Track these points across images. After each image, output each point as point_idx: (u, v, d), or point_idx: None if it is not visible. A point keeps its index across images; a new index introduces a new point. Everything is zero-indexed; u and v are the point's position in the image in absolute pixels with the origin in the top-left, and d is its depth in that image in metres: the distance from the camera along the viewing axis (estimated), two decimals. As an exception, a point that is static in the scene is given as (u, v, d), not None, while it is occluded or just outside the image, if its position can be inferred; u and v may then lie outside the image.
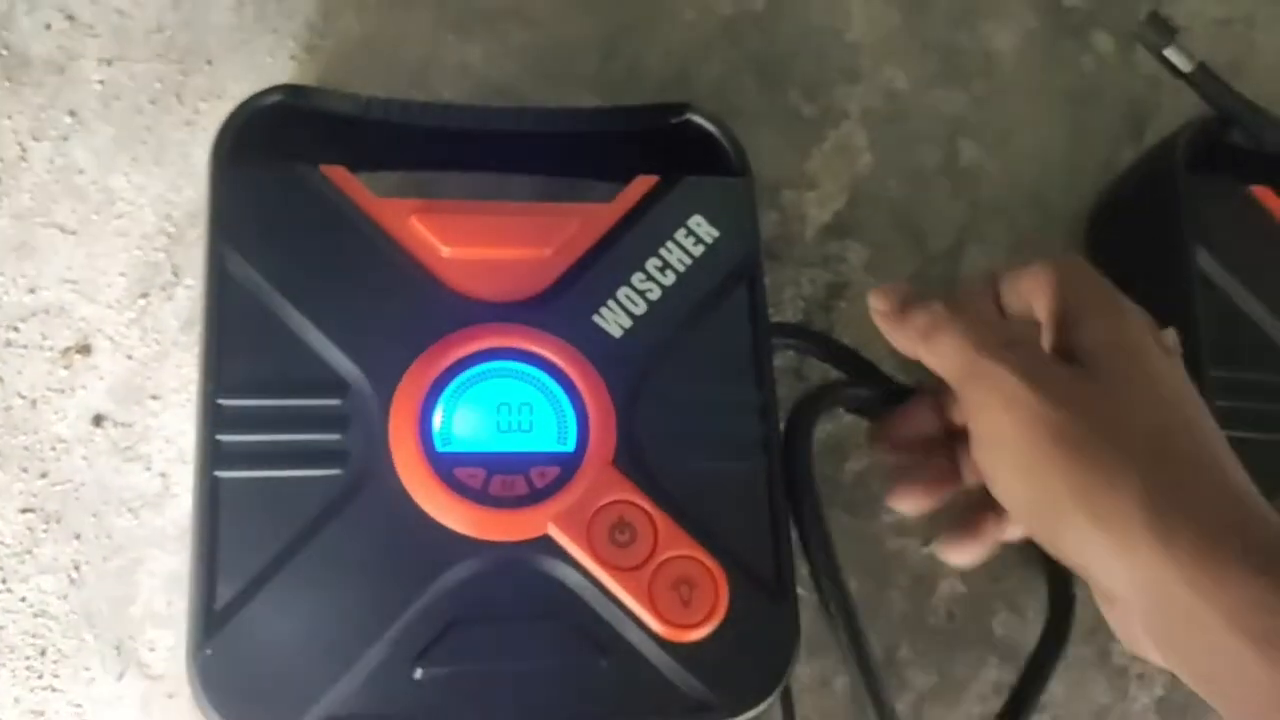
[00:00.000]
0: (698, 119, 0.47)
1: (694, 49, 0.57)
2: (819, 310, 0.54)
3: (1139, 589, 0.34)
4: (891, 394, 0.46)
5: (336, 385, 0.40)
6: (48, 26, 0.50)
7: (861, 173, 0.56)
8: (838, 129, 0.57)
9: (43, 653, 0.43)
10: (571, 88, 0.55)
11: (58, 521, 0.45)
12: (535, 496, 0.40)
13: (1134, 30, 0.52)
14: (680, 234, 0.45)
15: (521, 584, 0.39)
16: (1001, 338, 0.38)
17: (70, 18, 0.51)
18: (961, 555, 0.43)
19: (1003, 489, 0.38)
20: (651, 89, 0.56)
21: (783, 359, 0.52)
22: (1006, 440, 0.37)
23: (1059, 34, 0.61)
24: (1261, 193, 0.51)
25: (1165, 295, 0.49)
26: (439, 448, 0.40)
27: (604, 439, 0.41)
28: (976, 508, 0.42)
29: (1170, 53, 0.50)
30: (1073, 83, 0.60)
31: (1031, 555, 0.52)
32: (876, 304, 0.43)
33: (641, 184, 0.45)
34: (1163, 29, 0.50)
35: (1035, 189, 0.58)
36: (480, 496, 0.39)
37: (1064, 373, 0.37)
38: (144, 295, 0.48)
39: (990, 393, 0.37)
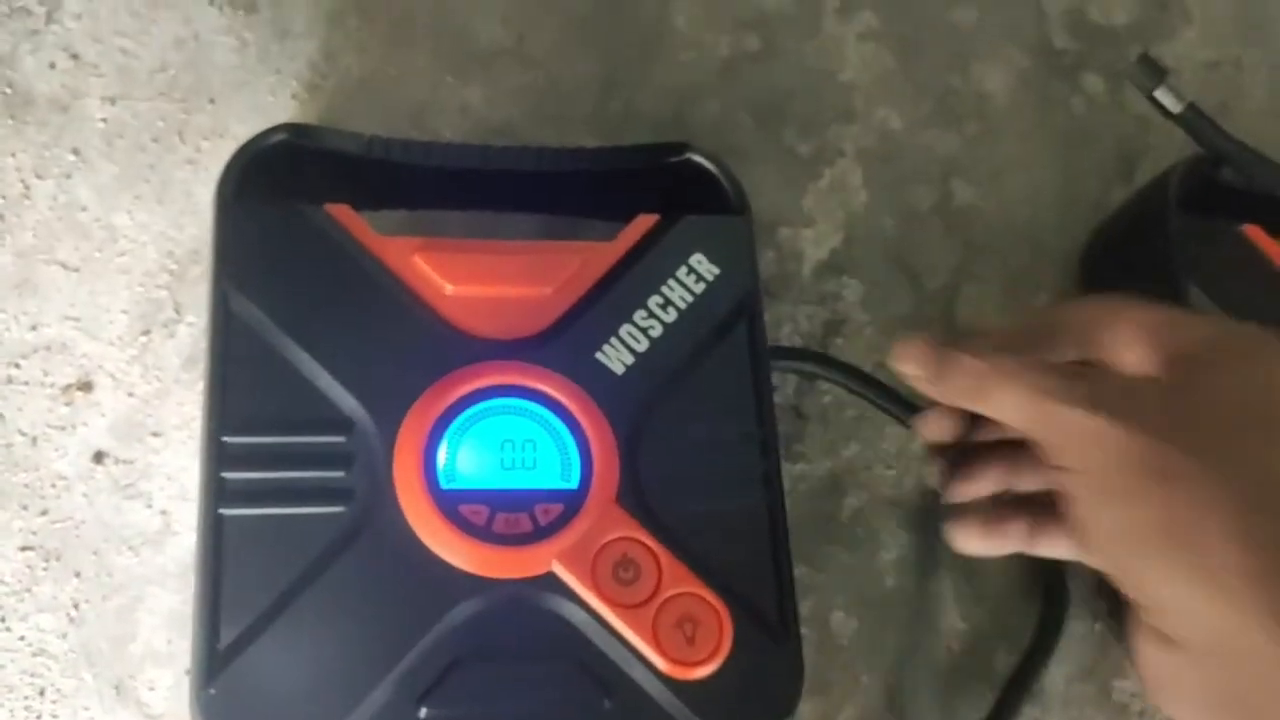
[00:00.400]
0: (697, 158, 0.47)
1: (691, 89, 0.57)
2: (816, 346, 0.54)
3: (1219, 637, 0.31)
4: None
5: (341, 423, 0.41)
6: (52, 65, 0.51)
7: (857, 211, 0.57)
8: (833, 168, 0.58)
9: (41, 692, 0.43)
10: (569, 128, 0.55)
11: (57, 559, 0.45)
12: (539, 534, 0.40)
13: (1124, 72, 0.53)
14: (681, 272, 0.45)
15: (525, 622, 0.39)
16: (1065, 376, 0.35)
17: (74, 57, 0.51)
18: (971, 545, 0.42)
19: (1085, 516, 0.35)
20: (649, 129, 0.56)
21: (782, 395, 0.52)
22: (1093, 471, 0.34)
23: (1050, 75, 0.62)
24: (1253, 231, 0.51)
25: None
26: (443, 485, 0.40)
27: (607, 476, 0.41)
28: (1012, 509, 0.41)
29: (1160, 94, 0.51)
30: (1064, 123, 0.61)
31: (1033, 589, 0.52)
32: (906, 368, 0.40)
33: (642, 223, 0.46)
34: (1153, 70, 0.51)
35: (1028, 228, 0.59)
36: (484, 534, 0.40)
37: (1153, 399, 0.34)
38: (146, 332, 0.48)
39: (1071, 434, 0.34)
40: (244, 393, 0.40)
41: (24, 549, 0.44)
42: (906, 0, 0.61)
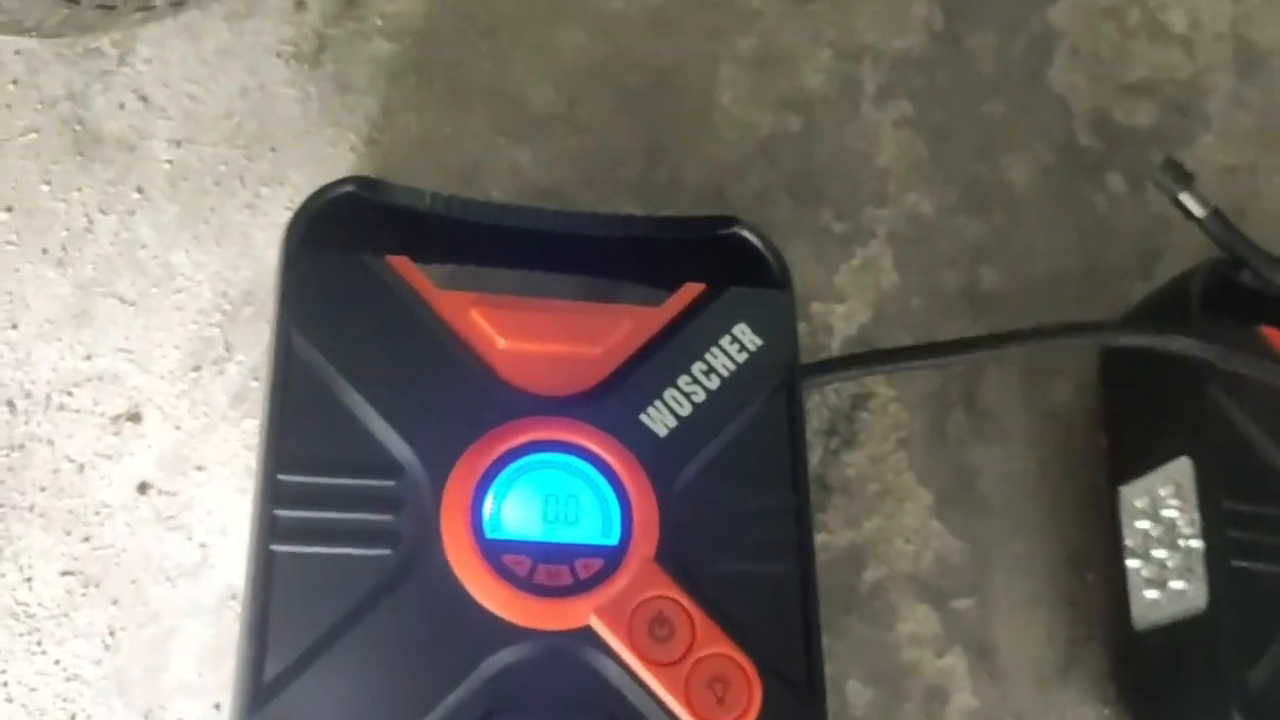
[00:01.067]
0: (745, 233, 0.49)
1: (733, 164, 0.59)
2: (842, 419, 0.56)
3: None
4: None
5: (392, 467, 0.42)
6: (121, 106, 0.52)
7: (887, 290, 0.59)
8: (865, 248, 0.60)
9: (72, 717, 0.44)
10: (615, 193, 0.57)
11: (96, 586, 0.45)
12: (579, 587, 0.41)
13: (1150, 175, 0.56)
14: (725, 340, 0.47)
15: (561, 674, 0.40)
16: None
17: (144, 99, 0.53)
18: None
19: None
20: (691, 199, 0.58)
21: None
22: None
23: (1074, 171, 0.64)
24: (1271, 333, 0.53)
25: (1178, 429, 0.52)
26: (488, 534, 0.41)
27: (647, 534, 0.42)
28: None
29: (1185, 197, 0.53)
30: (1086, 218, 0.63)
31: (1047, 676, 0.53)
32: None
33: (689, 291, 0.47)
34: (1179, 175, 0.53)
35: (1050, 317, 0.60)
36: (526, 584, 0.40)
37: None
38: (196, 369, 0.49)
39: None
40: (300, 433, 0.41)
41: (64, 574, 0.45)
42: (940, 91, 0.63)
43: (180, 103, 0.53)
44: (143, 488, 0.47)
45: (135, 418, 0.48)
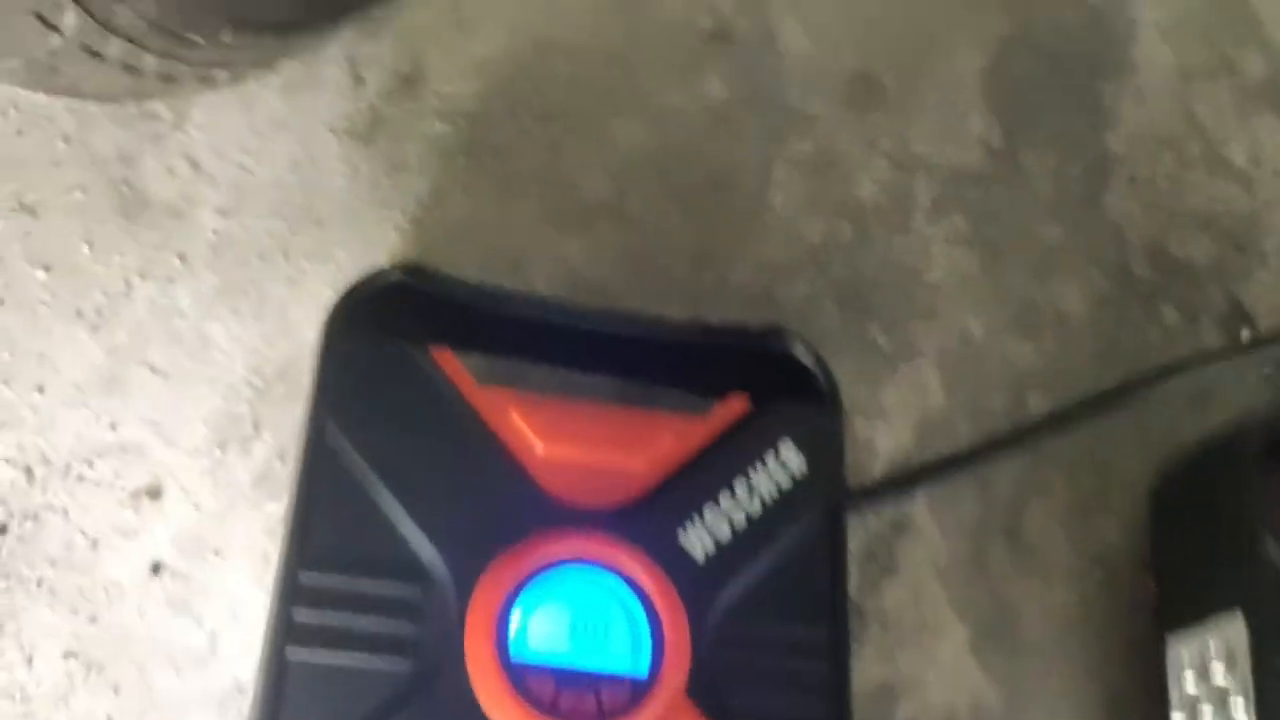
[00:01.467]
0: (797, 350, 0.48)
1: (783, 268, 0.58)
2: (881, 545, 0.54)
3: None
4: None
5: (417, 572, 0.40)
6: (171, 171, 0.52)
7: (932, 411, 0.57)
8: (911, 365, 0.58)
9: (60, 811, 0.42)
10: (662, 292, 0.56)
11: (99, 671, 0.43)
12: (602, 717, 0.39)
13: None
14: (769, 458, 0.45)
15: (579, 808, 0.38)
16: None
17: (194, 165, 0.52)
18: None
19: None
20: (738, 302, 0.57)
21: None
22: None
23: (1127, 301, 0.63)
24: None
25: (1231, 580, 0.50)
26: (513, 654, 0.39)
27: (678, 665, 0.40)
28: None
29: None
30: (1138, 350, 0.62)
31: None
32: None
33: (735, 405, 0.46)
34: None
35: (1098, 450, 0.59)
36: (549, 709, 0.39)
37: None
38: (221, 446, 0.48)
39: None
40: (325, 529, 0.40)
41: (67, 655, 0.43)
42: (995, 209, 0.62)
43: (230, 171, 0.52)
44: (156, 568, 0.45)
45: (155, 493, 0.46)
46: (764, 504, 0.44)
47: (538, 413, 0.44)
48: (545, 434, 0.43)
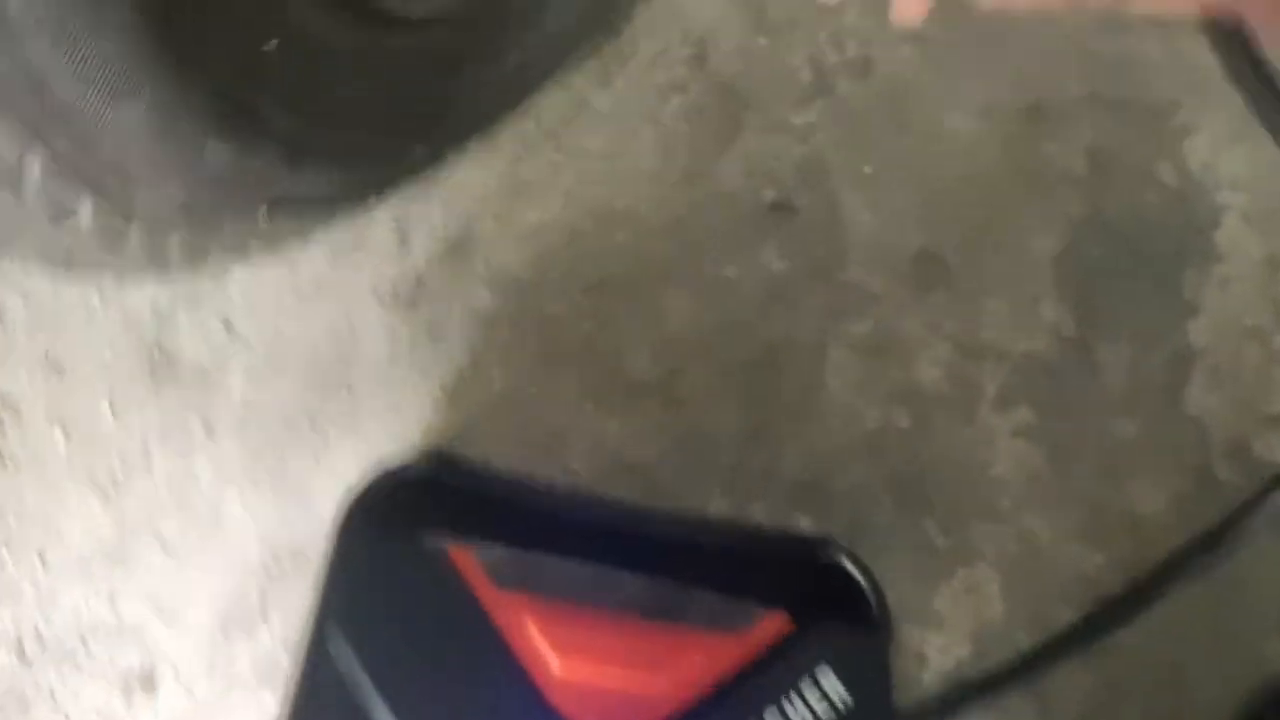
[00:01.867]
0: (845, 565, 0.44)
1: (835, 455, 0.55)
2: (930, 773, 0.49)
3: None
4: None
5: (412, 806, 0.36)
6: (204, 332, 0.50)
7: (991, 621, 0.53)
8: (970, 568, 0.54)
9: None
10: (705, 479, 0.53)
11: None
12: None
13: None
14: (807, 687, 0.41)
15: None
16: None
17: (229, 327, 0.51)
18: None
19: None
20: (786, 491, 0.54)
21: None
22: None
23: (1209, 510, 0.58)
24: None
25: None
26: None
27: None
28: None
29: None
30: (1220, 566, 0.57)
31: None
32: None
33: (771, 624, 0.42)
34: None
35: (1174, 671, 0.54)
36: None
37: None
38: (225, 630, 0.45)
39: None
40: (316, 748, 0.37)
41: None
42: (1067, 402, 0.59)
43: (264, 335, 0.51)
44: (142, 763, 0.42)
45: (148, 681, 0.44)
46: (800, 741, 0.40)
47: (557, 624, 0.40)
48: (563, 649, 0.40)
